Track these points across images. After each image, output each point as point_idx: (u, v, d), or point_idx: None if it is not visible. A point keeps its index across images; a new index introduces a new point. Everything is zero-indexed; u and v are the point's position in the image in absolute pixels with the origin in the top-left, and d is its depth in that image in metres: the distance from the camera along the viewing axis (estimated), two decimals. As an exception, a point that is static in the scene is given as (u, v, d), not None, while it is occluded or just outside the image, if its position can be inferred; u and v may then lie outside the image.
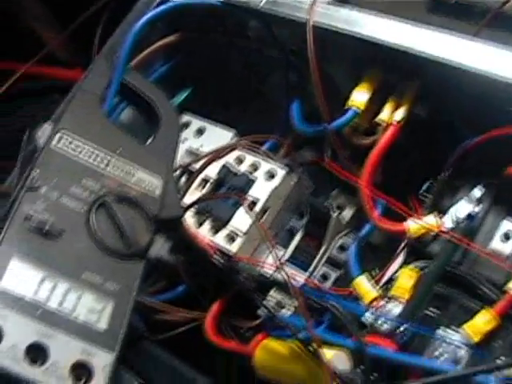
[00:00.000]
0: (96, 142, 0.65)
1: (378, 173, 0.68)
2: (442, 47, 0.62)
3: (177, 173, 0.76)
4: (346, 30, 0.67)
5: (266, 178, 0.72)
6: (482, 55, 0.61)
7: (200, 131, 0.80)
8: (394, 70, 0.68)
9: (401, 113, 0.68)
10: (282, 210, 0.73)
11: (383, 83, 0.70)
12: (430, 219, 0.66)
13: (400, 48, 0.64)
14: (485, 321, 0.61)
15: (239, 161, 0.75)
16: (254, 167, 0.74)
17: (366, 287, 0.67)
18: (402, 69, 0.67)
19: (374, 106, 0.70)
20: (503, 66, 0.60)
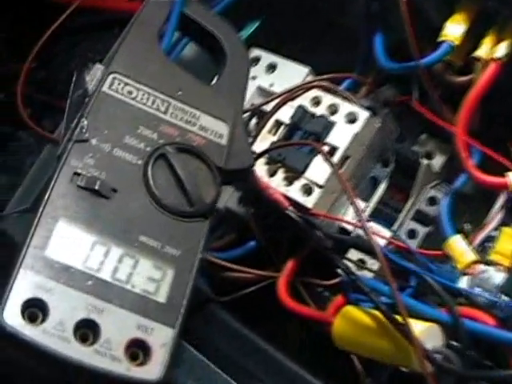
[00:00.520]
0: (153, 84, 0.58)
1: (475, 118, 0.61)
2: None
3: (246, 115, 0.68)
4: None
5: (346, 121, 0.65)
6: None
7: (271, 67, 0.72)
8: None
9: (503, 48, 0.60)
10: (364, 157, 0.65)
11: (481, 13, 0.62)
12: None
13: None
14: None
15: (316, 102, 0.67)
16: (333, 109, 0.66)
17: (461, 249, 0.58)
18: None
19: (470, 41, 0.62)
20: None
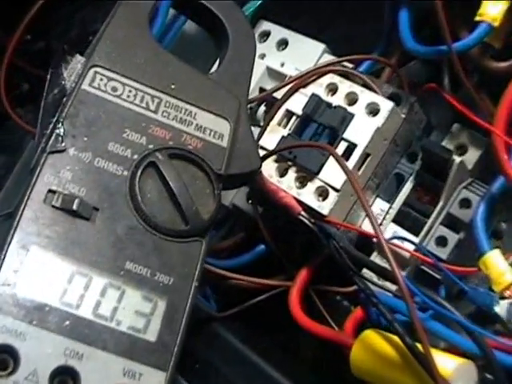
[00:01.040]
0: (142, 77, 0.49)
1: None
2: None
3: (252, 105, 0.60)
4: None
5: (367, 113, 0.57)
6: None
7: (282, 43, 0.64)
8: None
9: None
10: (387, 153, 0.57)
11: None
12: None
13: None
14: None
15: (331, 89, 0.59)
16: (351, 99, 0.58)
17: (499, 268, 0.50)
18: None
19: (511, 21, 0.54)
20: None
